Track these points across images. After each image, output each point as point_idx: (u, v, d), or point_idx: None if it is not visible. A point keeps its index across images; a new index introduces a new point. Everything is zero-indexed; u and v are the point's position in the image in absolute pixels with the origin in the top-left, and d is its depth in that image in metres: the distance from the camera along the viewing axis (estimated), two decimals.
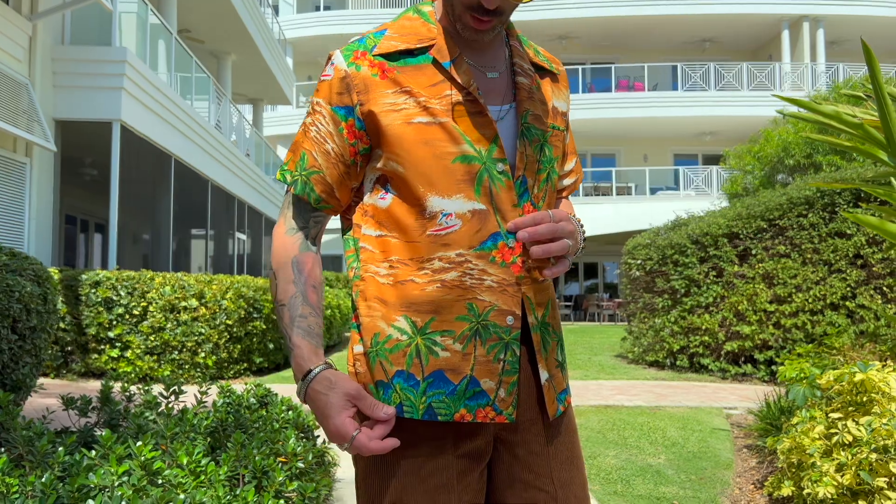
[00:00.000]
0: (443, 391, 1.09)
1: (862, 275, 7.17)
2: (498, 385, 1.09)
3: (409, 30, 1.14)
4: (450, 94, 1.10)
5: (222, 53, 15.83)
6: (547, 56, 1.27)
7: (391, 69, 1.11)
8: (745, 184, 13.59)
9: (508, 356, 1.10)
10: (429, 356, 1.09)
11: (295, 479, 2.97)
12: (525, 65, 1.19)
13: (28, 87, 8.14)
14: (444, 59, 1.11)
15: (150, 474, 2.53)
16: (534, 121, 1.15)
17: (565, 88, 1.28)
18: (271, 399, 4.07)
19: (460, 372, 1.09)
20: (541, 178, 1.16)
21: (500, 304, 1.10)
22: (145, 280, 7.09)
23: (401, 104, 1.10)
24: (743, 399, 6.18)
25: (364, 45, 1.14)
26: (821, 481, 2.89)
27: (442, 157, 1.09)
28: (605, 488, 3.80)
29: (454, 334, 1.09)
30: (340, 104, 1.12)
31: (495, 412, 1.09)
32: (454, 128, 1.09)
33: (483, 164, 1.09)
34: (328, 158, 1.14)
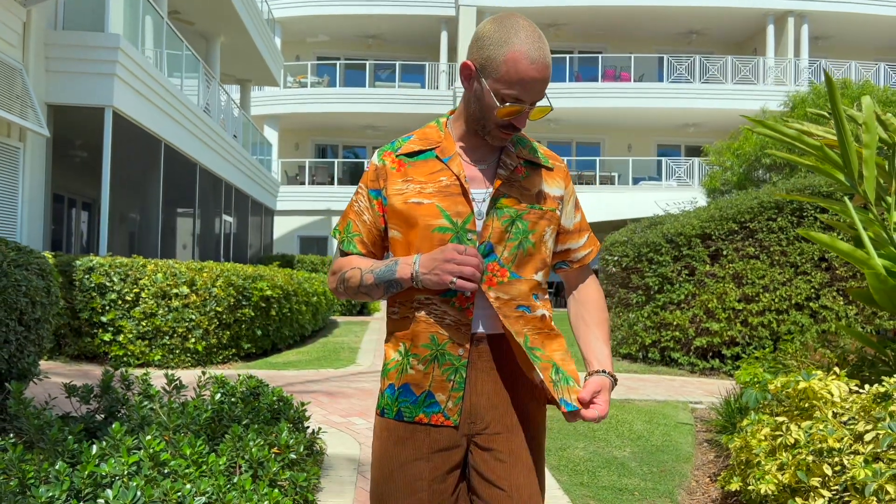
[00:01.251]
0: (408, 399, 1.53)
1: (826, 277, 7.52)
2: (448, 398, 1.52)
3: (426, 135, 1.60)
4: (442, 180, 1.53)
5: (211, 35, 15.88)
6: (545, 154, 1.64)
7: (405, 164, 1.57)
8: (723, 180, 13.93)
9: (457, 378, 1.51)
10: (403, 373, 1.54)
11: (287, 469, 3.25)
12: (509, 160, 1.56)
13: (22, 72, 8.25)
14: (443, 156, 1.56)
15: (158, 465, 2.79)
16: (507, 202, 1.54)
17: (561, 179, 1.63)
18: (263, 390, 4.33)
19: (421, 387, 1.52)
20: (510, 245, 1.53)
21: (455, 339, 1.51)
22: (138, 267, 7.29)
23: (404, 189, 1.54)
24: (708, 394, 6.52)
25: (393, 147, 1.61)
26: (763, 479, 3.21)
27: (425, 227, 1.51)
28: (573, 479, 4.11)
29: (419, 357, 1.52)
30: (374, 188, 1.59)
31: (444, 417, 1.52)
32: (437, 206, 1.51)
33: (456, 232, 1.50)
34: (365, 226, 1.60)
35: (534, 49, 1.42)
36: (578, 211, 1.68)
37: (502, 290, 1.51)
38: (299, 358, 8.37)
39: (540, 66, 1.43)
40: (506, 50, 1.42)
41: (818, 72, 23.14)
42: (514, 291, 1.52)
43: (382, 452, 1.56)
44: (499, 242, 1.51)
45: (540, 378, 1.53)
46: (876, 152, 4.48)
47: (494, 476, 1.53)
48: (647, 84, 23.57)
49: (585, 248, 1.68)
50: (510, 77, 1.42)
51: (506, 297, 1.51)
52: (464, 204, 1.51)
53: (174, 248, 13.77)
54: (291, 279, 9.23)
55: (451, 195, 1.51)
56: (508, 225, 1.52)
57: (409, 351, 1.53)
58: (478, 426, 1.53)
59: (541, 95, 1.47)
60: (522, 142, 1.62)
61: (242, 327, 7.75)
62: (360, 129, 26.25)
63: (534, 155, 1.61)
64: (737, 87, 22.80)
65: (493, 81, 1.44)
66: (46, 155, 8.90)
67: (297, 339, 9.57)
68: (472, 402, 1.53)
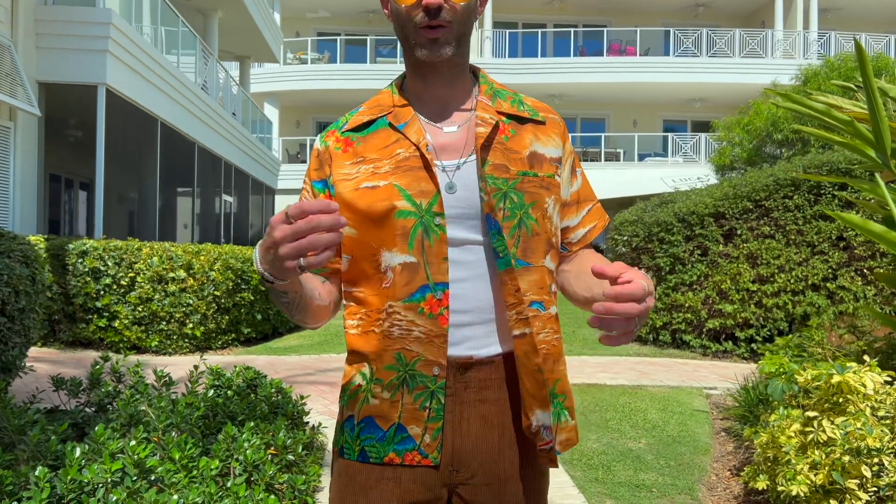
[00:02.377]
0: (373, 436, 1.19)
1: (844, 256, 7.27)
2: (424, 431, 1.17)
3: (377, 102, 1.27)
4: (399, 153, 1.20)
5: (209, 10, 15.50)
6: (534, 105, 1.30)
7: (353, 142, 1.24)
8: (733, 156, 13.62)
9: (433, 404, 1.17)
10: (364, 403, 1.21)
11: (285, 472, 3.04)
12: (487, 115, 1.23)
13: (10, 48, 7.97)
14: (398, 122, 1.22)
15: (143, 471, 2.58)
16: (492, 170, 1.19)
17: (557, 135, 1.28)
18: (260, 381, 4.12)
19: (389, 419, 1.18)
20: (509, 226, 1.18)
21: (427, 355, 1.16)
22: (133, 250, 7.07)
23: (353, 174, 1.21)
24: (723, 378, 6.31)
25: (337, 124, 1.28)
26: (795, 480, 2.99)
27: (385, 214, 1.17)
28: (587, 474, 3.91)
29: (383, 383, 1.18)
30: (318, 178, 1.26)
31: (421, 455, 1.17)
32: (395, 186, 1.17)
33: (420, 217, 1.16)
34: None
35: None
36: (576, 177, 1.32)
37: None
38: (300, 342, 8.17)
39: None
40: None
41: (828, 44, 22.67)
42: (525, 284, 1.18)
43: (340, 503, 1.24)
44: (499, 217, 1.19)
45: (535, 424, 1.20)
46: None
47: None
48: (652, 58, 23.14)
49: (587, 223, 1.33)
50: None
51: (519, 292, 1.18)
52: (426, 180, 1.17)
53: (173, 230, 13.54)
54: None
55: (412, 170, 1.18)
56: (499, 200, 1.18)
57: (374, 375, 1.20)
58: (462, 475, 1.20)
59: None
60: (501, 93, 1.28)
61: (242, 311, 7.55)
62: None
63: (518, 107, 1.28)
64: (745, 60, 22.37)
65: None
66: (39, 135, 8.64)
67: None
68: (456, 445, 1.19)
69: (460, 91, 1.25)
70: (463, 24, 1.19)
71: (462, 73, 1.25)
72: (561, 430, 1.24)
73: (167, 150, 11.18)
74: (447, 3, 1.16)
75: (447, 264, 1.16)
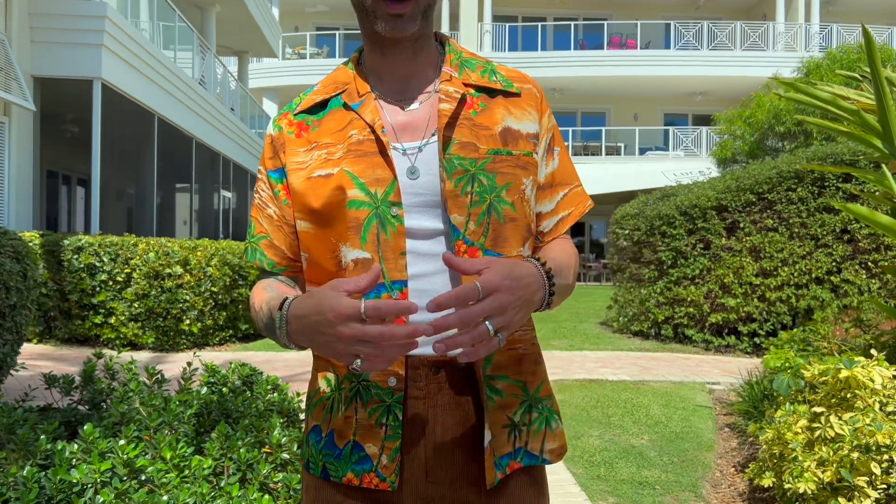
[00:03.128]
0: (331, 453, 1.07)
1: (848, 249, 7.20)
2: (381, 450, 1.03)
3: (333, 80, 1.13)
4: (353, 135, 1.06)
5: (206, 4, 15.40)
6: (508, 75, 1.14)
7: (307, 126, 1.10)
8: (734, 149, 13.53)
9: (390, 420, 1.03)
10: (330, 413, 1.08)
11: (280, 471, 2.97)
12: (452, 88, 1.08)
13: (4, 42, 7.88)
14: (352, 100, 1.08)
15: (133, 471, 2.51)
16: (459, 150, 1.05)
17: (533, 107, 1.13)
18: (256, 378, 4.04)
19: (344, 436, 1.06)
20: (476, 212, 1.04)
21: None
22: (128, 246, 6.99)
23: (307, 161, 1.08)
24: (725, 373, 6.25)
25: (290, 106, 1.14)
26: (802, 477, 2.92)
27: (338, 205, 1.04)
28: (589, 472, 3.84)
29: (341, 391, 1.06)
30: (273, 167, 1.13)
31: (378, 479, 1.04)
32: (346, 173, 1.04)
33: (375, 208, 1.03)
34: (272, 222, 1.14)
35: None
36: (553, 156, 1.16)
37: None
38: None
39: None
40: None
41: (829, 37, 22.55)
42: None
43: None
44: (456, 211, 1.03)
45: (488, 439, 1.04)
46: None
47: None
48: (653, 52, 23.02)
49: (560, 210, 1.17)
50: None
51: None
52: (382, 166, 1.03)
53: (172, 226, 13.47)
54: None
55: (366, 155, 1.04)
56: (466, 183, 1.04)
57: (335, 383, 1.07)
58: (440, 488, 1.05)
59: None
60: (470, 63, 1.13)
61: (239, 307, 7.48)
62: None
63: (490, 77, 1.12)
64: (746, 53, 22.26)
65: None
66: (34, 130, 8.56)
67: None
68: (428, 455, 1.05)
69: (424, 64, 1.11)
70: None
71: (427, 44, 1.11)
72: (551, 437, 1.11)
73: (164, 146, 11.10)
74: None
75: (405, 259, 1.03)
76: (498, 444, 1.05)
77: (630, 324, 8.43)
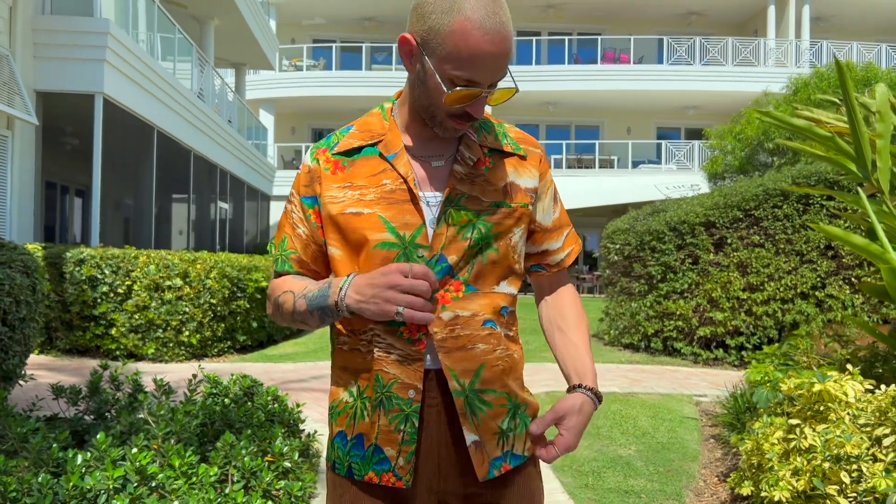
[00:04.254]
0: (358, 454, 1.24)
1: (832, 265, 7.39)
2: (398, 453, 1.21)
3: (367, 126, 1.29)
4: (386, 184, 1.23)
5: (205, 17, 15.60)
6: (517, 138, 1.33)
7: (343, 166, 1.26)
8: (725, 164, 13.75)
9: (408, 427, 1.20)
10: (355, 419, 1.25)
11: (282, 479, 3.12)
12: (469, 153, 1.26)
13: (9, 58, 8.04)
14: (388, 152, 1.24)
15: (145, 478, 2.66)
16: (466, 202, 1.23)
17: (534, 167, 1.32)
18: (257, 389, 4.19)
19: (368, 439, 1.23)
20: (468, 255, 1.22)
21: (404, 378, 1.20)
22: (129, 259, 7.13)
23: (340, 197, 1.24)
24: (713, 386, 6.40)
25: (328, 142, 1.31)
26: (777, 486, 3.08)
27: (366, 243, 1.21)
28: (577, 481, 3.99)
29: (370, 400, 1.23)
30: (307, 194, 1.29)
31: (395, 478, 1.22)
32: (379, 217, 1.21)
33: (403, 249, 1.20)
34: (301, 240, 1.31)
35: (488, 16, 1.11)
36: (558, 204, 1.39)
37: (458, 306, 1.21)
38: (296, 349, 8.24)
39: (496, 37, 1.11)
40: (452, 19, 1.11)
41: (819, 53, 22.87)
42: (473, 307, 1.22)
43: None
44: (454, 252, 1.22)
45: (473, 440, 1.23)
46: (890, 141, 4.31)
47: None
48: (646, 66, 23.31)
49: (564, 249, 1.39)
50: (459, 53, 1.12)
51: (466, 315, 1.21)
52: (413, 213, 1.21)
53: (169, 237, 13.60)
54: None
55: (398, 202, 1.21)
56: (467, 231, 1.22)
57: (363, 392, 1.25)
58: (451, 483, 1.25)
59: (500, 75, 1.17)
60: (486, 126, 1.31)
61: (238, 319, 7.61)
62: (356, 112, 25.96)
63: (501, 141, 1.31)
64: (737, 68, 22.56)
65: (438, 60, 1.14)
66: (36, 143, 8.71)
67: (293, 329, 9.44)
68: (441, 456, 1.24)
69: None
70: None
71: None
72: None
73: (163, 158, 11.25)
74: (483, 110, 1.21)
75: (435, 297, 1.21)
76: (489, 448, 1.24)
77: (621, 336, 8.59)
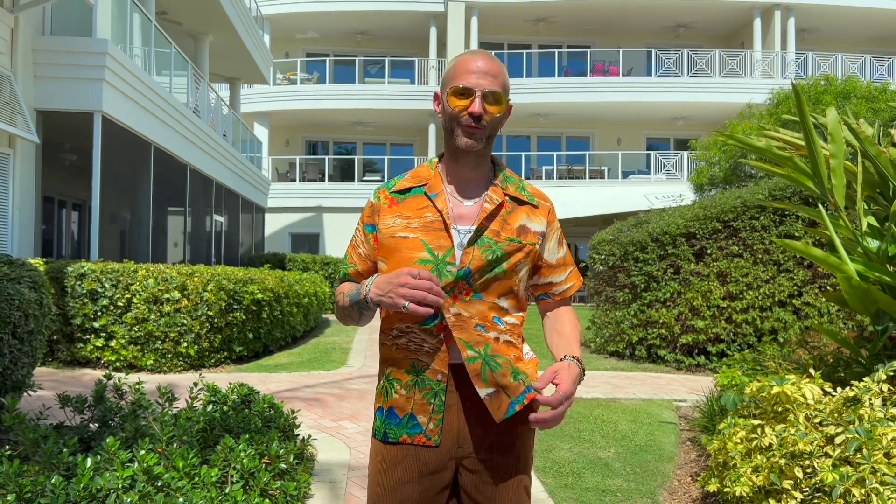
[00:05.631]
0: (393, 422, 1.67)
1: (808, 274, 7.65)
2: (429, 420, 1.63)
3: (418, 173, 1.74)
4: (428, 216, 1.66)
5: (199, 34, 15.86)
6: (532, 192, 1.76)
7: (398, 202, 1.70)
8: (710, 175, 14.04)
9: (437, 401, 1.63)
10: (388, 395, 1.68)
11: (278, 479, 3.34)
12: (495, 195, 1.68)
13: (10, 78, 8.28)
14: (431, 192, 1.68)
15: (152, 478, 2.88)
16: (489, 234, 1.65)
17: (544, 216, 1.74)
18: (254, 398, 4.41)
19: (404, 410, 1.65)
20: (484, 270, 1.63)
21: (434, 365, 1.62)
22: (129, 273, 7.35)
23: (391, 224, 1.68)
24: (692, 391, 6.65)
25: (388, 185, 1.75)
26: (739, 481, 3.32)
27: (409, 259, 1.63)
28: (557, 481, 4.21)
29: (401, 382, 1.66)
30: (369, 223, 1.74)
31: (426, 438, 1.64)
32: (420, 240, 1.63)
33: (436, 265, 1.62)
34: (360, 257, 1.76)
35: (475, 50, 1.66)
36: (562, 247, 1.79)
37: (463, 307, 1.61)
38: (291, 360, 8.45)
39: (479, 54, 1.63)
40: (453, 62, 1.66)
41: (805, 64, 23.28)
42: (472, 310, 1.61)
43: (376, 476, 1.67)
44: (476, 269, 1.62)
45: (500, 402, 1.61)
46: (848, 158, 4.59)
47: (482, 497, 1.65)
48: (635, 78, 23.66)
49: (567, 283, 1.80)
50: (455, 72, 1.63)
51: (465, 315, 1.60)
52: (445, 238, 1.62)
53: (165, 251, 13.81)
54: (282, 281, 9.30)
55: (435, 230, 1.63)
56: (487, 254, 1.62)
57: (393, 376, 1.66)
58: (465, 450, 1.64)
59: (489, 82, 1.61)
60: (510, 179, 1.73)
61: (234, 331, 7.83)
62: (350, 125, 26.26)
63: (521, 192, 1.73)
64: (725, 80, 22.93)
65: (447, 89, 1.64)
66: (36, 160, 8.93)
67: (288, 340, 9.65)
68: (459, 427, 1.63)
69: (481, 174, 1.71)
70: (493, 128, 1.65)
71: (484, 161, 1.71)
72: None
73: (160, 173, 11.48)
74: (486, 113, 1.62)
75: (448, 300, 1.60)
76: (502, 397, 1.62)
77: (606, 344, 8.84)
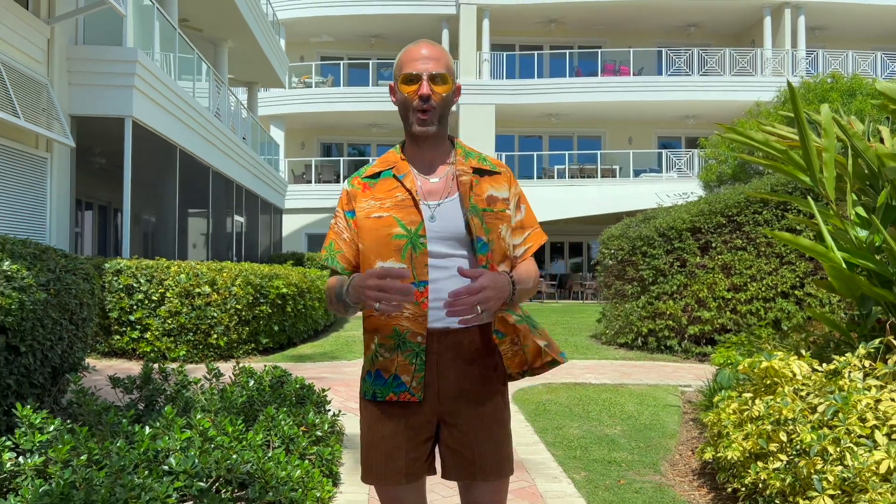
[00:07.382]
0: (380, 383, 1.79)
1: (810, 266, 7.96)
2: (412, 378, 1.75)
3: (385, 159, 1.87)
4: (398, 195, 1.80)
5: (219, 40, 16.35)
6: (492, 161, 1.90)
7: (370, 186, 1.84)
8: (719, 172, 14.33)
9: (418, 362, 1.75)
10: (374, 360, 1.80)
11: (314, 445, 3.72)
12: (464, 169, 1.83)
13: (47, 86, 8.74)
14: (398, 173, 1.82)
15: (207, 440, 3.27)
16: (476, 202, 1.80)
17: (505, 182, 1.87)
18: (287, 379, 4.81)
19: (389, 371, 1.77)
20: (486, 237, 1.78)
21: (414, 329, 1.74)
22: (162, 268, 7.79)
23: (366, 207, 1.82)
24: (697, 378, 6.97)
25: (359, 172, 1.89)
26: (730, 447, 3.67)
27: (384, 236, 1.77)
28: (567, 454, 4.57)
29: (386, 346, 1.77)
30: (348, 209, 1.86)
31: (410, 395, 1.76)
32: (393, 218, 1.77)
33: (409, 238, 1.74)
34: (346, 243, 1.86)
35: (418, 41, 1.80)
36: (520, 210, 1.89)
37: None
38: (314, 351, 8.86)
39: (422, 43, 1.77)
40: (400, 55, 1.80)
41: (815, 62, 23.46)
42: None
43: (367, 428, 1.83)
44: (482, 235, 1.75)
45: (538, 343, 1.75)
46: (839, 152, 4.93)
47: (459, 446, 1.78)
48: (646, 77, 23.93)
49: (525, 244, 1.89)
50: (403, 62, 1.77)
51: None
52: (416, 213, 1.75)
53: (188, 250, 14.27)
54: (305, 277, 9.72)
55: (406, 207, 1.76)
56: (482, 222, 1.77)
57: (378, 342, 1.78)
58: (445, 407, 1.78)
59: (433, 65, 1.74)
60: (470, 154, 1.86)
61: (261, 323, 8.25)
62: (364, 127, 26.70)
63: (482, 162, 1.86)
64: (735, 78, 23.15)
65: (398, 78, 1.78)
66: (71, 163, 9.39)
67: (310, 333, 10.07)
68: (441, 387, 1.76)
69: (441, 153, 1.84)
70: (443, 107, 1.78)
71: (443, 141, 1.85)
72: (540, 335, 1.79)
73: (185, 175, 11.94)
74: (433, 94, 1.75)
75: (427, 268, 1.74)
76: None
77: (616, 336, 9.18)
